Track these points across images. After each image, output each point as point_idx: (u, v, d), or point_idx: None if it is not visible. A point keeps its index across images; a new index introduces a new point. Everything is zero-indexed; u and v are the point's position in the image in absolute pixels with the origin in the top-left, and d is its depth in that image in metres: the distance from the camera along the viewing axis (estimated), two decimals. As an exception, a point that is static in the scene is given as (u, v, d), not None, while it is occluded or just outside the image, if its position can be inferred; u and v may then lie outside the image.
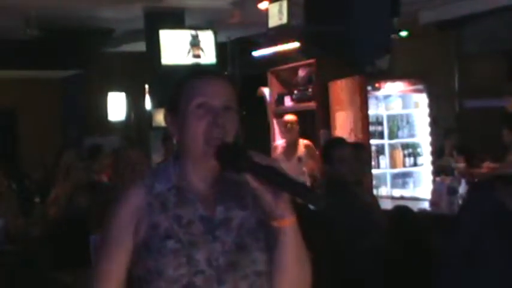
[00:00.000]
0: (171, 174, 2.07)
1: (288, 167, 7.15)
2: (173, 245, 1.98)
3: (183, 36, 10.06)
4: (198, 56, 10.06)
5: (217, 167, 2.04)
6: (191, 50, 10.03)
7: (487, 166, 8.49)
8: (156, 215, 2.02)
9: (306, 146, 8.37)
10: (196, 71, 2.17)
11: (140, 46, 10.73)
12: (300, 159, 8.17)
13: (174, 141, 2.17)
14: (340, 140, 5.67)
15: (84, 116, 12.93)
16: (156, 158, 7.58)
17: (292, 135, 8.42)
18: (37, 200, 7.71)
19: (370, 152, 7.86)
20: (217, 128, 2.00)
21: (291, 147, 8.41)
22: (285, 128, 8.52)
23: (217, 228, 2.02)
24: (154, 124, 10.53)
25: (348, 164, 5.03)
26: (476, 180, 6.83)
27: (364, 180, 6.11)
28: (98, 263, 2.11)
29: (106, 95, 12.71)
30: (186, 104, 2.04)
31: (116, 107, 12.75)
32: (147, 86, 11.12)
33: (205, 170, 2.06)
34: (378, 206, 5.52)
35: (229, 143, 2.00)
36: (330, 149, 5.27)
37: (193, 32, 10.13)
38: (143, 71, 10.77)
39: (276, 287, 2.04)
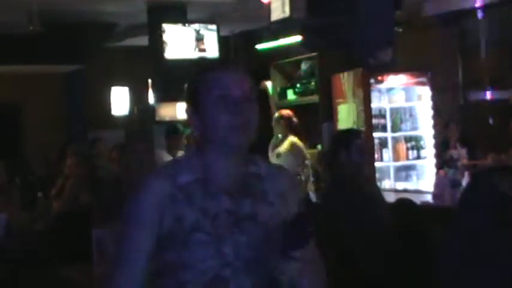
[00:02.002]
0: (195, 166, 2.06)
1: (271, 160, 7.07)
2: (201, 237, 1.98)
3: (186, 30, 10.06)
4: (201, 50, 10.06)
5: (241, 160, 2.07)
6: (194, 44, 10.02)
7: (492, 158, 8.48)
8: (180, 207, 2.00)
9: (290, 143, 8.12)
10: (214, 63, 2.19)
11: (143, 40, 10.73)
12: (279, 154, 7.98)
13: (195, 134, 2.16)
14: (356, 131, 5.67)
15: (87, 110, 12.93)
16: (160, 152, 7.55)
17: (277, 129, 8.18)
18: (40, 194, 7.71)
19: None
20: (239, 117, 2.01)
21: (277, 141, 8.18)
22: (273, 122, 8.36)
23: (244, 221, 2.02)
24: (157, 118, 10.51)
25: (364, 154, 5.03)
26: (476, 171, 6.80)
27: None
28: (120, 249, 2.07)
29: (109, 90, 12.70)
30: (207, 96, 2.04)
31: (119, 101, 12.74)
32: (150, 81, 11.11)
33: (229, 162, 2.06)
34: (382, 197, 5.50)
35: (305, 216, 2.01)
36: (348, 138, 5.27)
37: (196, 26, 10.13)
38: (146, 65, 10.76)
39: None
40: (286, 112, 8.25)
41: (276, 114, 8.33)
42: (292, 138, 8.19)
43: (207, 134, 2.06)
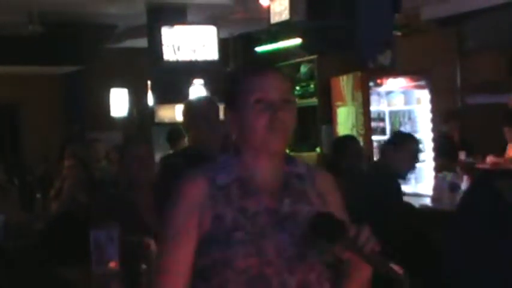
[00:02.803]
0: (233, 167, 2.08)
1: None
2: (242, 236, 1.98)
3: (185, 32, 10.08)
4: (200, 52, 10.08)
5: (279, 160, 2.09)
6: (193, 46, 10.04)
7: (490, 160, 8.50)
8: (220, 207, 2.02)
9: None
10: (251, 66, 2.19)
11: (143, 42, 10.75)
12: None
13: (233, 137, 2.16)
14: (354, 136, 5.73)
15: (86, 111, 12.94)
16: (159, 154, 7.56)
17: None
18: (39, 195, 7.73)
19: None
20: (277, 121, 2.02)
21: None
22: None
23: (284, 220, 2.03)
24: (156, 120, 10.52)
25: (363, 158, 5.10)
26: (476, 174, 6.81)
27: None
28: (162, 255, 2.08)
29: (108, 91, 12.72)
30: (245, 99, 2.05)
31: (118, 103, 12.75)
32: (149, 82, 11.13)
33: (268, 162, 2.08)
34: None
35: (327, 214, 1.99)
36: (347, 142, 5.32)
37: (195, 27, 10.15)
38: (145, 67, 10.78)
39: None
40: None
41: None
42: None
43: (245, 136, 2.07)
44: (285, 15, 8.32)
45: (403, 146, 5.05)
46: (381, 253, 1.91)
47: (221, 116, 2.93)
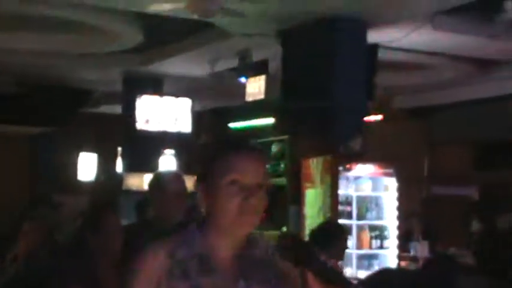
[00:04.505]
0: (194, 242, 2.05)
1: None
2: None
3: (160, 102, 10.14)
4: (173, 124, 10.13)
5: (242, 241, 2.06)
6: (167, 117, 10.09)
7: (453, 253, 8.56)
8: (175, 282, 2.00)
9: None
10: (231, 142, 2.12)
11: (117, 108, 10.78)
12: None
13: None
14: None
15: (54, 174, 12.84)
16: (125, 222, 7.48)
17: None
18: (-1, 257, 7.56)
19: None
20: (248, 206, 1.99)
21: None
22: None
23: None
24: (124, 187, 10.48)
25: None
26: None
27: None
28: None
29: (77, 155, 12.67)
30: (220, 178, 2.01)
31: (87, 167, 12.70)
32: (120, 149, 11.12)
33: (230, 242, 2.06)
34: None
35: (298, 238, 2.00)
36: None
37: (170, 99, 10.22)
38: (117, 133, 10.78)
39: None
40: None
41: None
42: None
43: (213, 214, 2.05)
44: (260, 94, 8.44)
45: None
46: None
47: (189, 188, 2.92)
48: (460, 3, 6.44)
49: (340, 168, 8.60)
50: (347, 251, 8.83)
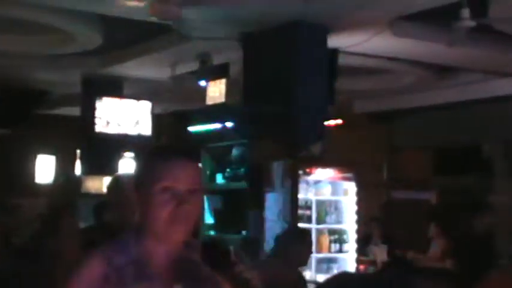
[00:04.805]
0: (131, 248, 2.06)
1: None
2: None
3: (120, 105, 10.06)
4: (133, 126, 10.05)
5: (178, 246, 2.07)
6: (126, 120, 10.02)
7: (411, 257, 8.64)
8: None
9: None
10: (163, 149, 2.15)
11: (75, 111, 10.67)
12: None
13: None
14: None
15: (10, 176, 12.66)
16: (82, 225, 7.41)
17: None
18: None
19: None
20: (180, 213, 2.01)
21: None
22: None
23: None
24: (83, 190, 10.38)
25: None
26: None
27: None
28: None
29: (35, 157, 12.52)
30: (151, 185, 2.04)
31: (45, 169, 12.55)
32: (78, 152, 11.00)
33: (166, 248, 2.07)
34: None
35: (218, 244, 2.01)
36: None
37: (130, 101, 10.14)
38: (76, 136, 10.67)
39: None
40: None
41: None
42: None
43: (147, 221, 2.06)
44: (221, 98, 8.42)
45: None
46: None
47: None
48: (419, 10, 6.50)
49: (300, 172, 8.62)
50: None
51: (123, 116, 10.03)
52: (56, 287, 3.70)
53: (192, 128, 9.57)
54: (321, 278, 8.66)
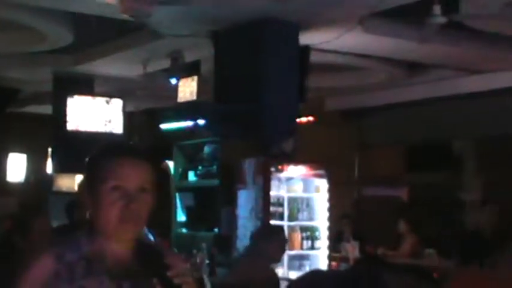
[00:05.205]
0: (82, 245, 2.08)
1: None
2: None
3: (91, 103, 10.01)
4: (105, 124, 10.01)
5: (130, 243, 2.08)
6: (98, 117, 9.97)
7: (381, 253, 8.71)
8: (61, 284, 2.01)
9: None
10: (112, 148, 2.16)
11: (47, 109, 10.60)
12: None
13: (87, 214, 2.17)
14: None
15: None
16: (55, 224, 7.38)
17: None
18: None
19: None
20: (130, 212, 2.03)
21: None
22: None
23: None
24: (54, 188, 10.32)
25: None
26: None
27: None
28: None
29: (6, 156, 12.42)
30: (100, 184, 2.05)
31: (16, 168, 12.46)
32: (50, 150, 10.93)
33: (116, 245, 2.08)
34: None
35: (151, 245, 2.02)
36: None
37: (101, 99, 10.09)
38: (47, 134, 10.60)
39: None
40: None
41: None
42: None
43: (98, 221, 2.08)
44: (193, 95, 8.42)
45: None
46: None
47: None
48: (390, 7, 6.54)
49: (272, 169, 8.65)
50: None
51: (94, 114, 9.97)
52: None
53: (163, 126, 9.55)
54: (293, 275, 8.69)
